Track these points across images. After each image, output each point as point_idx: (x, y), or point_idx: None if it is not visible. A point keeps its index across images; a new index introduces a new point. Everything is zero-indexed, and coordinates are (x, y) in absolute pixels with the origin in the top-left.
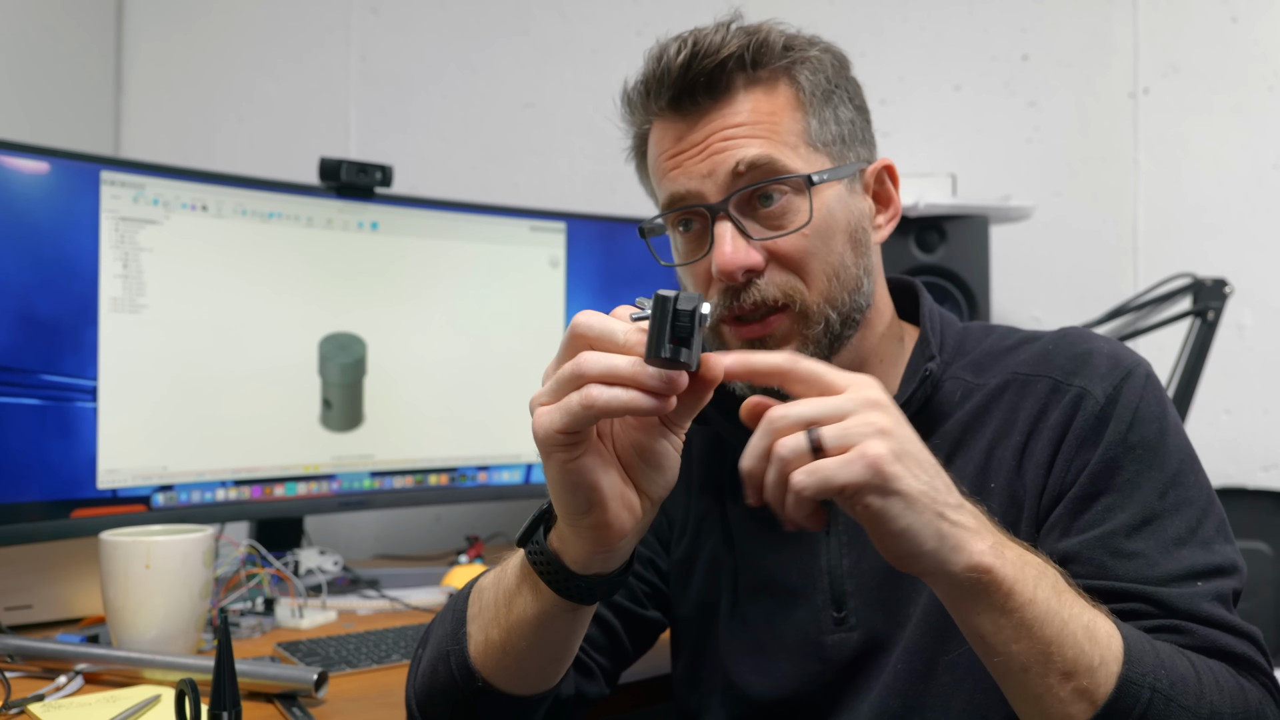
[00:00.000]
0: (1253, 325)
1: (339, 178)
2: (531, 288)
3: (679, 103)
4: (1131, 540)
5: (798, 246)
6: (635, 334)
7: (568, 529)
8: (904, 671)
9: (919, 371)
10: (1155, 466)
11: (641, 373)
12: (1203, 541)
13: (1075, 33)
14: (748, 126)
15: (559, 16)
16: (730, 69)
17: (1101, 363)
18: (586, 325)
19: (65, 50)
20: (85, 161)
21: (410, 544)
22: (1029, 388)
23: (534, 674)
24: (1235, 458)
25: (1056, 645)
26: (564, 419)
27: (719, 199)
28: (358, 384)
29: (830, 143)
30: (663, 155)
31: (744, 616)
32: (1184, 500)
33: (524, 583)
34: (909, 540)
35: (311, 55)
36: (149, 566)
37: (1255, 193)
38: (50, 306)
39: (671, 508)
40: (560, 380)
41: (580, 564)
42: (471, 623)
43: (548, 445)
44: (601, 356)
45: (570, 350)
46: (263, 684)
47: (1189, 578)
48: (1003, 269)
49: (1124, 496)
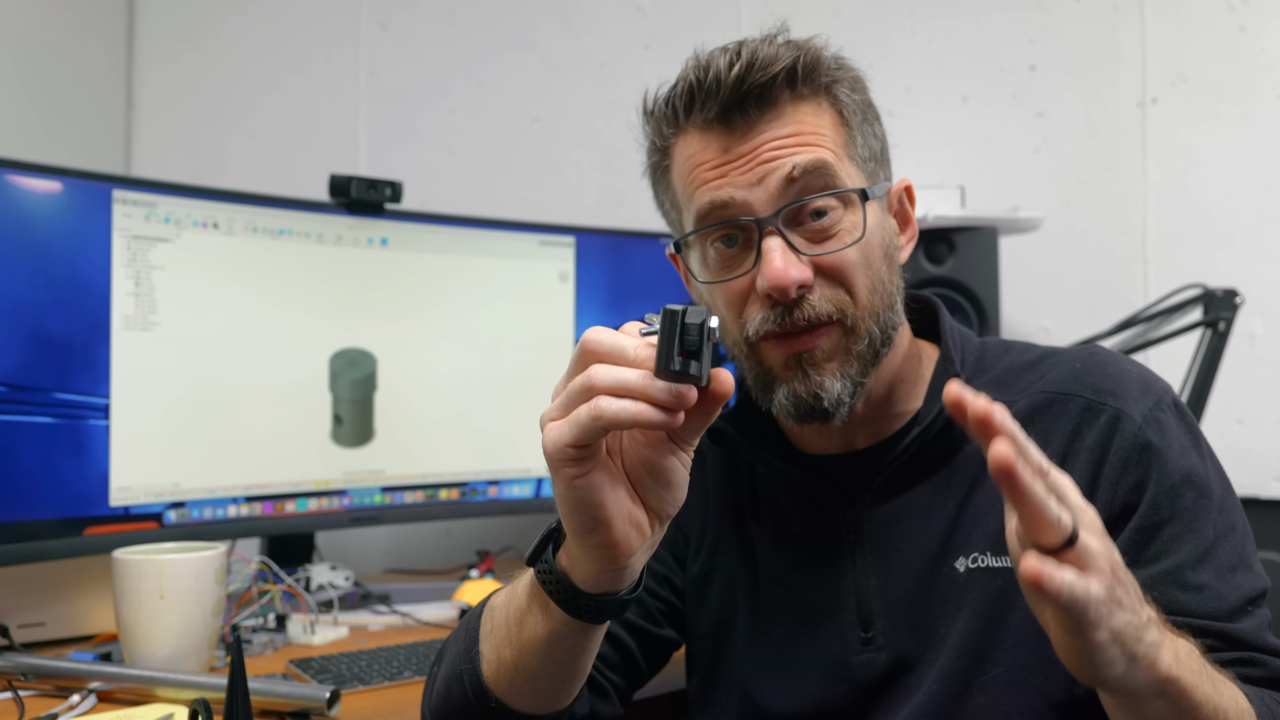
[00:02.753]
0: (1264, 335)
1: (349, 194)
2: (541, 302)
3: (728, 115)
4: (1196, 573)
5: (846, 261)
6: (645, 349)
7: (576, 548)
8: (938, 693)
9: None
10: (1206, 495)
11: (650, 385)
12: (1248, 564)
13: (1083, 43)
14: (797, 138)
15: (566, 30)
16: (780, 83)
17: (1133, 386)
18: (596, 341)
19: (77, 69)
20: (97, 180)
21: (421, 559)
22: (1060, 406)
23: (547, 693)
24: (1248, 467)
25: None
26: (573, 432)
27: (767, 211)
28: (368, 399)
29: (868, 160)
30: (702, 165)
31: (766, 636)
32: (1230, 525)
33: (534, 602)
34: (1097, 662)
35: (320, 71)
36: (161, 584)
37: (1265, 201)
38: (63, 325)
39: (687, 524)
40: (570, 394)
41: (589, 583)
42: (484, 641)
43: (557, 460)
44: (611, 369)
45: (580, 365)
46: (275, 702)
47: (1247, 605)
48: (1012, 280)
49: (1185, 526)
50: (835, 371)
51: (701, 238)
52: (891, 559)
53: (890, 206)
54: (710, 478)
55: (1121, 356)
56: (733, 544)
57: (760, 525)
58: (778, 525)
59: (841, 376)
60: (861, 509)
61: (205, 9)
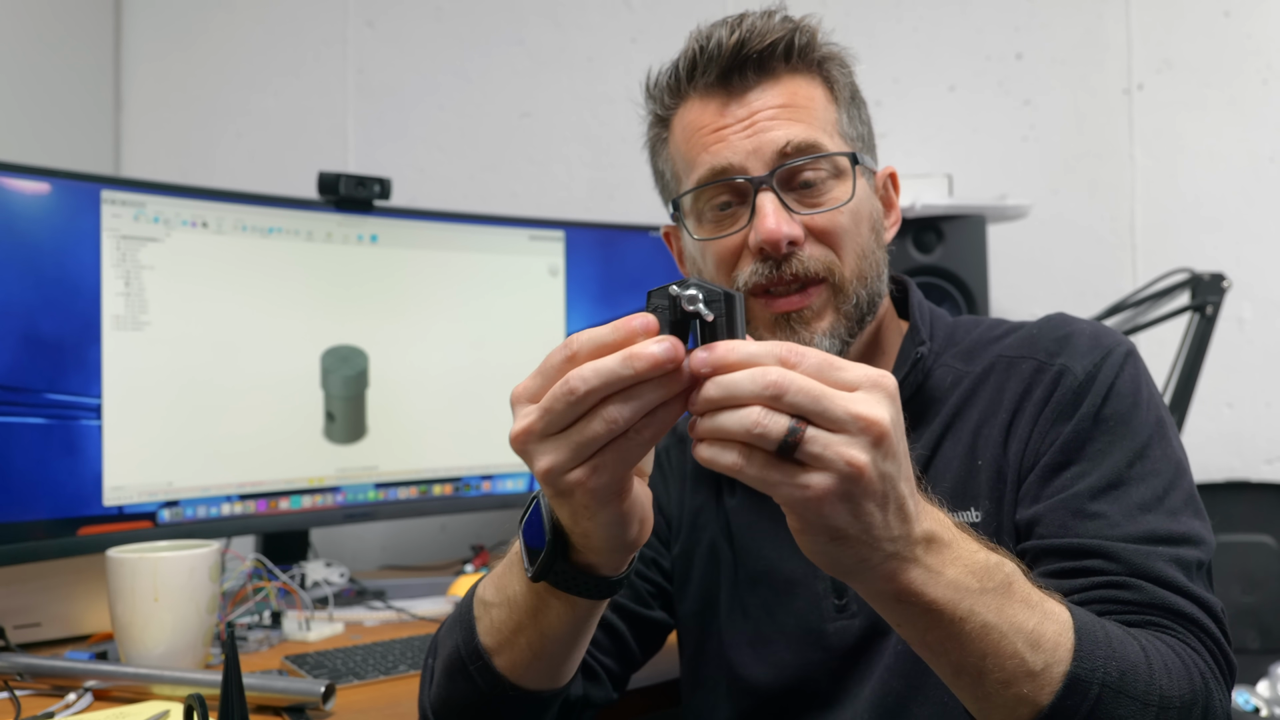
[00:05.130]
0: (1253, 318)
1: (338, 191)
2: (531, 296)
3: (727, 78)
4: (1095, 502)
5: (835, 223)
6: (623, 331)
7: (606, 550)
8: (904, 652)
9: (910, 356)
10: (1125, 438)
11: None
12: (1169, 511)
13: (1068, 30)
14: (791, 109)
15: (554, 25)
16: (777, 54)
17: (1083, 342)
18: (576, 343)
19: (64, 70)
20: (85, 181)
21: (416, 554)
22: (1014, 369)
23: (562, 668)
24: (1238, 451)
25: (993, 657)
26: (613, 470)
27: (762, 172)
28: (360, 396)
29: (855, 139)
30: (703, 129)
31: (744, 607)
32: (1151, 471)
33: (551, 598)
34: (831, 561)
35: (309, 69)
36: (156, 583)
37: (1252, 186)
38: (53, 326)
39: (667, 506)
40: (585, 440)
41: (617, 569)
42: (486, 636)
43: (603, 497)
44: (605, 363)
45: (556, 373)
46: (271, 697)
47: (1150, 541)
48: (1001, 268)
49: (1092, 465)
50: (824, 330)
51: (698, 198)
52: None
53: (876, 189)
54: (689, 457)
55: (1078, 318)
56: (711, 517)
57: (735, 496)
58: (751, 496)
59: (830, 335)
60: None
61: (193, 8)
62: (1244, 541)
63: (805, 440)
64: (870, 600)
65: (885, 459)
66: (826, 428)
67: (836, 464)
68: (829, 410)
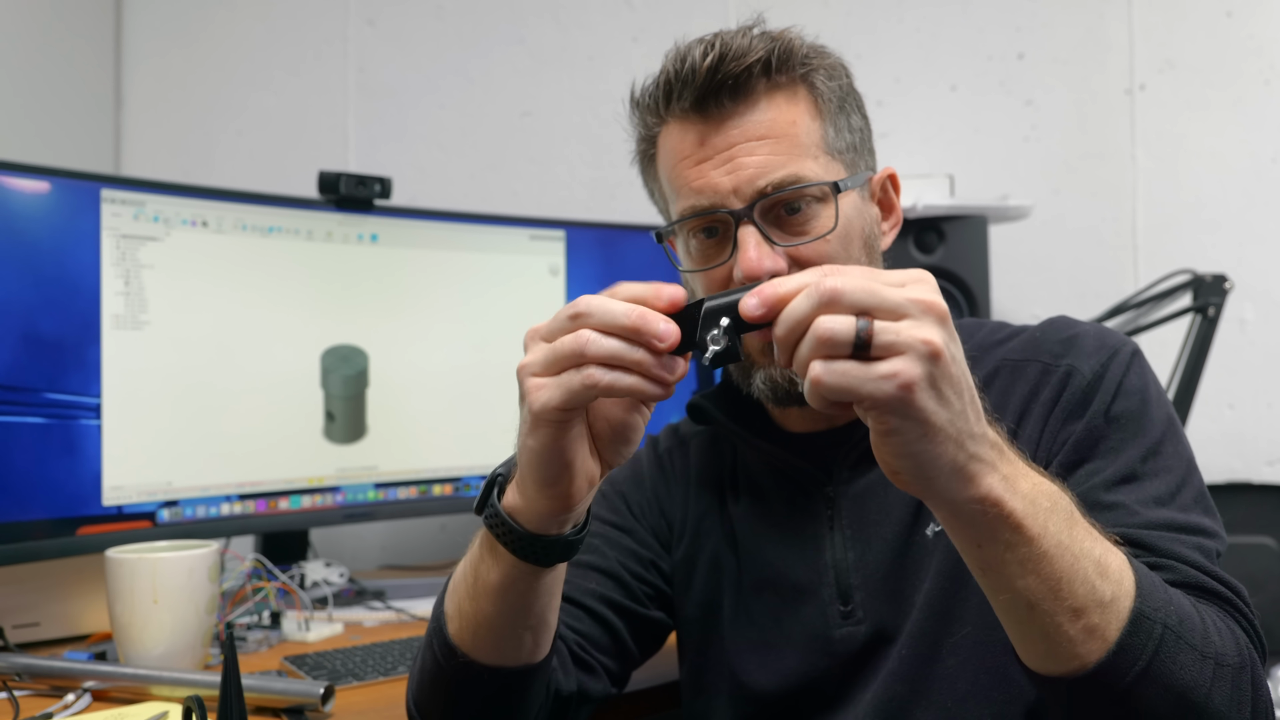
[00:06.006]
0: (1254, 320)
1: (338, 191)
2: (532, 296)
3: (703, 104)
4: (1110, 494)
5: (820, 252)
6: (636, 316)
7: (534, 493)
8: (908, 657)
9: None
10: (1138, 435)
11: (645, 359)
12: (1181, 506)
13: (1070, 30)
14: (771, 141)
15: (555, 24)
16: (755, 74)
17: (1088, 343)
18: (588, 306)
19: (65, 68)
20: (85, 180)
21: (415, 554)
22: (1019, 372)
23: (509, 643)
24: (1240, 453)
25: (1066, 581)
26: (563, 397)
27: (742, 205)
28: (360, 396)
29: (844, 150)
30: (683, 159)
31: (749, 614)
32: (1164, 467)
33: (486, 550)
34: (919, 465)
35: (309, 68)
36: (155, 583)
37: (1254, 187)
38: (53, 325)
39: (670, 509)
40: (558, 355)
41: (537, 525)
42: (448, 601)
43: (542, 419)
44: (605, 341)
45: (569, 326)
46: (270, 699)
47: (1170, 529)
48: (1002, 268)
49: (1106, 461)
50: None
51: (683, 229)
52: (869, 532)
53: (872, 194)
54: (693, 462)
55: (1081, 321)
56: (715, 523)
57: (740, 503)
58: (758, 503)
59: None
60: (838, 484)
61: (194, 7)
62: (1245, 543)
63: (876, 332)
64: (952, 519)
65: (952, 340)
66: (891, 318)
67: (914, 345)
68: (888, 299)
